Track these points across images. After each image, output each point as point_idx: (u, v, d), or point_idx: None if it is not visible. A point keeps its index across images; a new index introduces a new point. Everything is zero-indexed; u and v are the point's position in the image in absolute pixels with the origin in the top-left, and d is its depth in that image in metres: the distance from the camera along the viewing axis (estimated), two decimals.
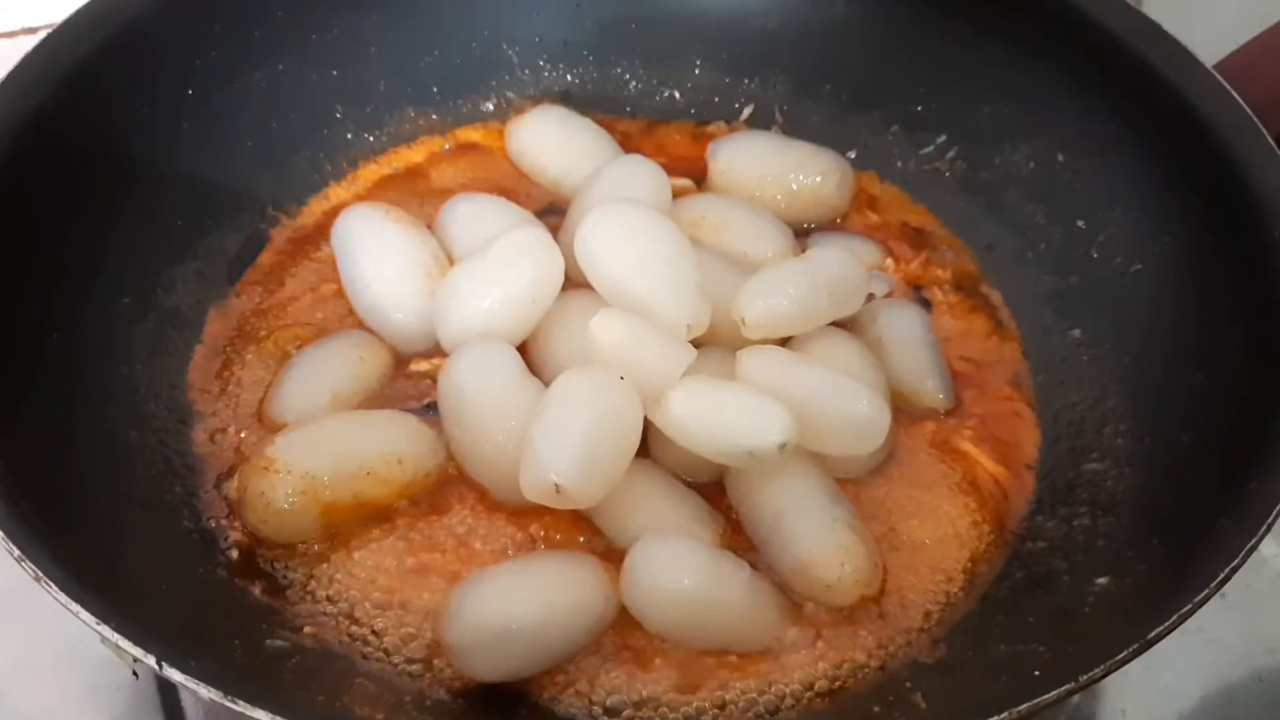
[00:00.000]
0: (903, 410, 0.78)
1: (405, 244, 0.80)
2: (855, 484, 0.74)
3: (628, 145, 0.92)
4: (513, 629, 0.64)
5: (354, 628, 0.68)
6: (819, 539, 0.68)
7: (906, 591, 0.70)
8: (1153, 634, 0.56)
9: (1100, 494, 0.73)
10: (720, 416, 0.67)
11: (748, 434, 0.66)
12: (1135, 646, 0.55)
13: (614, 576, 0.67)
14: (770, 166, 0.88)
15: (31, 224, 0.72)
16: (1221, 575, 0.57)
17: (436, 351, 0.78)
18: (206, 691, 0.52)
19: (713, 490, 0.72)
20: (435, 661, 0.67)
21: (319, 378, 0.76)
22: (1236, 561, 0.57)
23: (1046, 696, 0.54)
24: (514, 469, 0.67)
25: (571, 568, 0.67)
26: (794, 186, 0.87)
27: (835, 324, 0.77)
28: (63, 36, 0.77)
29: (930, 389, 0.79)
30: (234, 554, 0.70)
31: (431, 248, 0.81)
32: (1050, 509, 0.74)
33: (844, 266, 0.77)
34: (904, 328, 0.80)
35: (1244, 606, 0.80)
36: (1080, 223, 0.84)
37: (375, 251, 0.80)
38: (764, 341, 0.73)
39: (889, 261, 0.87)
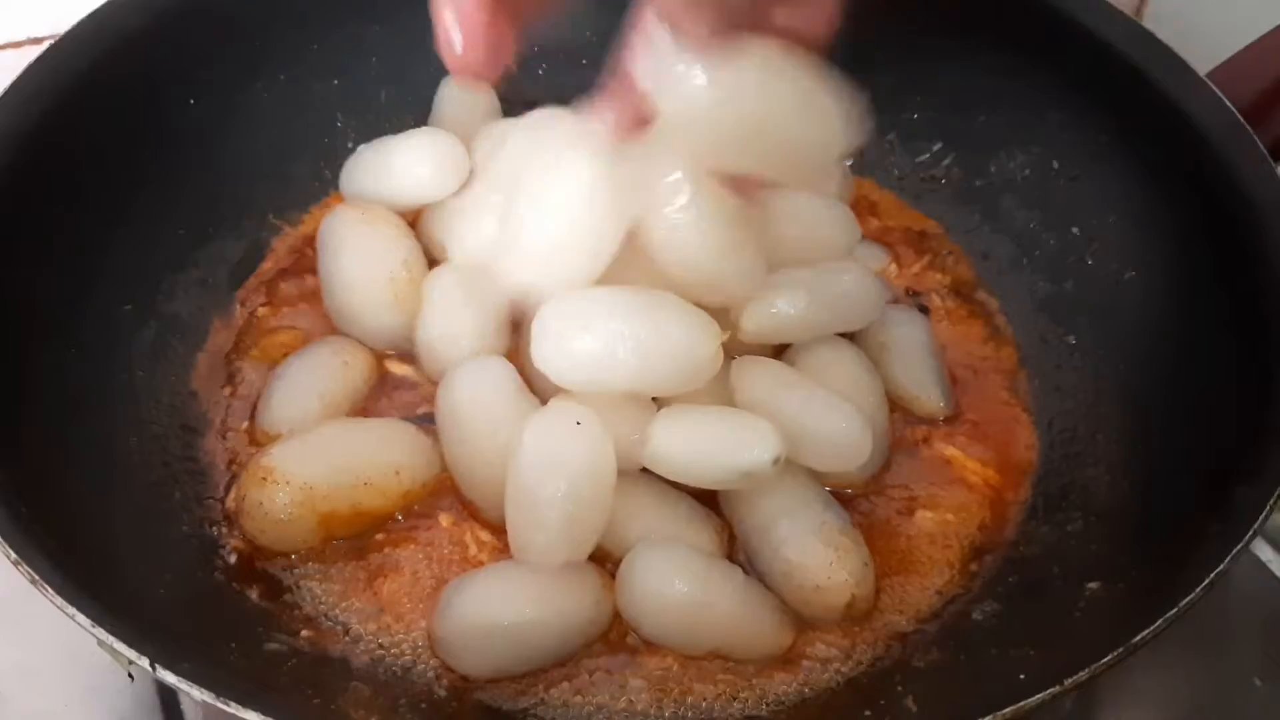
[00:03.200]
0: (902, 416, 0.79)
1: (376, 247, 0.80)
2: (850, 489, 0.75)
3: None
4: (501, 627, 0.65)
5: (350, 632, 0.68)
6: (809, 541, 0.68)
7: (899, 595, 0.71)
8: (1138, 638, 0.56)
9: (1093, 499, 0.73)
10: (708, 443, 0.67)
11: (739, 454, 0.67)
12: (1120, 650, 0.56)
13: (609, 583, 0.68)
14: None
15: (34, 231, 0.72)
16: (1207, 580, 0.57)
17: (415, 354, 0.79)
18: (199, 693, 0.52)
19: (709, 495, 0.72)
20: (431, 666, 0.67)
21: (305, 386, 0.76)
22: (1222, 566, 0.58)
23: (1031, 700, 0.54)
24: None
25: (565, 571, 0.67)
26: None
27: None
28: (66, 46, 0.77)
29: (932, 397, 0.79)
30: (232, 559, 0.70)
31: (405, 251, 0.80)
32: (1044, 514, 0.74)
33: (855, 282, 0.77)
34: (909, 335, 0.81)
35: (1239, 611, 0.80)
36: (1075, 230, 0.84)
37: (345, 255, 0.80)
38: (761, 346, 0.74)
39: (892, 267, 0.88)
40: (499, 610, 0.66)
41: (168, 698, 0.74)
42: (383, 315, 0.79)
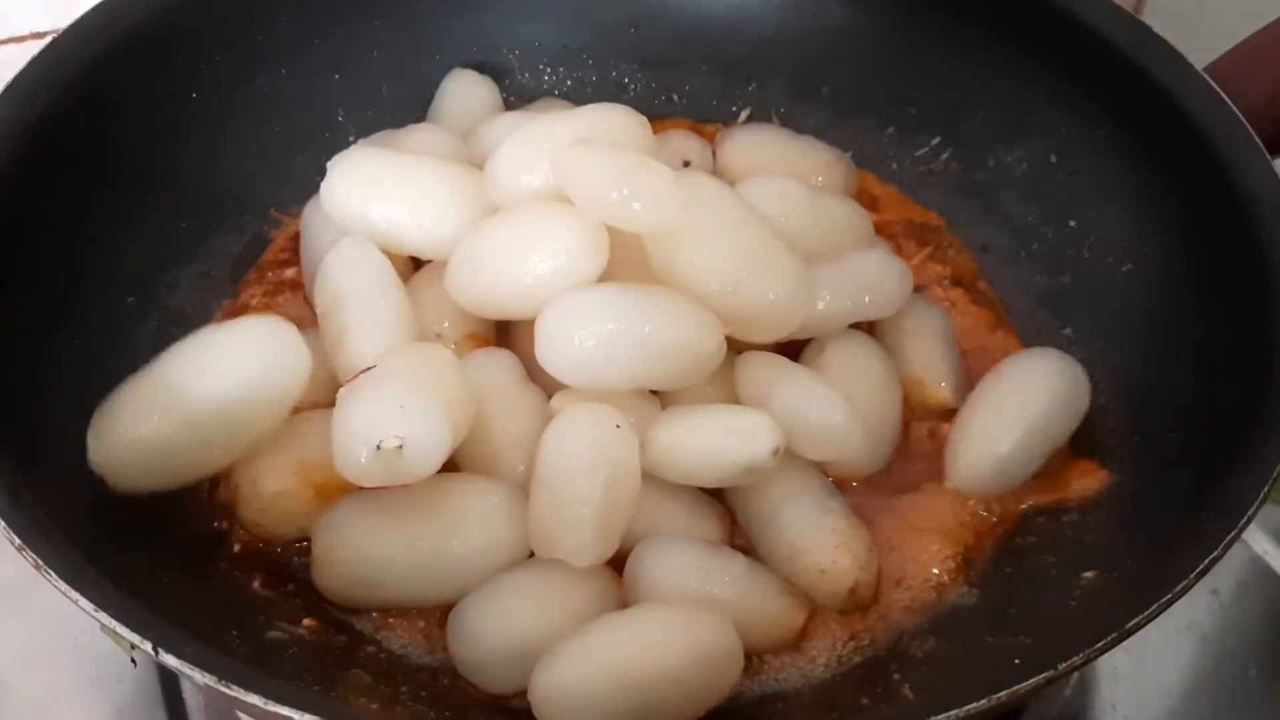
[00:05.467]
0: (909, 406, 0.78)
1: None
2: (853, 477, 0.75)
3: None
4: (527, 644, 0.63)
5: (352, 620, 0.68)
6: (812, 526, 0.68)
7: (898, 584, 0.71)
8: (1131, 624, 0.56)
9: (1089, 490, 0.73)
10: (707, 443, 0.68)
11: (739, 450, 0.67)
12: (1114, 635, 0.56)
13: (620, 582, 0.68)
14: (774, 159, 0.88)
15: (36, 226, 0.73)
16: (1200, 567, 0.58)
17: None
18: (201, 676, 0.53)
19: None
20: (432, 655, 0.67)
21: None
22: (1215, 554, 0.58)
23: (1025, 685, 0.55)
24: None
25: (583, 576, 0.66)
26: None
27: None
28: (68, 41, 0.78)
29: (944, 389, 0.79)
30: (235, 547, 0.70)
31: None
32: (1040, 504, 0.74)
33: (880, 269, 0.78)
34: (930, 326, 0.81)
35: (1236, 603, 0.81)
36: (1072, 223, 0.84)
37: (328, 240, 0.79)
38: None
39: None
40: (522, 626, 0.64)
41: (169, 685, 0.75)
42: None
